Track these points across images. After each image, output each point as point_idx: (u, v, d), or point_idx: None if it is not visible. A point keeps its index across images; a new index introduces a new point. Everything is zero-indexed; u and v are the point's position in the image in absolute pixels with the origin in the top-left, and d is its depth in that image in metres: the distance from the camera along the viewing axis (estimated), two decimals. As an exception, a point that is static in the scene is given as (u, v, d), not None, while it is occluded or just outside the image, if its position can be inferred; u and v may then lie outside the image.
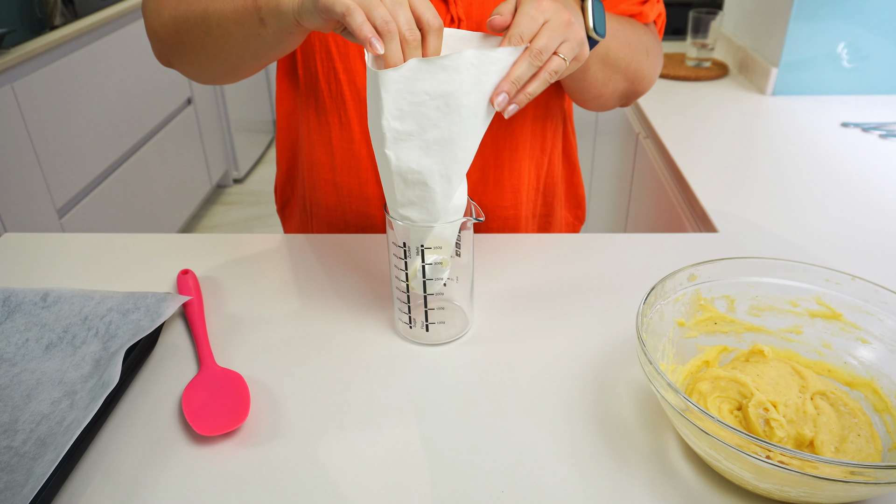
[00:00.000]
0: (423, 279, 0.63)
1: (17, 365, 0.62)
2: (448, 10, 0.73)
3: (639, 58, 0.76)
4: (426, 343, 0.67)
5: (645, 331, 0.55)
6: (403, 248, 0.61)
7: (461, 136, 0.55)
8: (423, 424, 0.58)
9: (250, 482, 0.52)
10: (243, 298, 0.74)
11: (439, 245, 0.60)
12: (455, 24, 0.73)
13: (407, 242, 0.61)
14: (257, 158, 3.36)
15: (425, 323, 0.66)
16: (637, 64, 0.76)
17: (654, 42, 0.81)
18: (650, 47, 0.79)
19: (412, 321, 0.66)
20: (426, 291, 0.64)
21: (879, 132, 1.20)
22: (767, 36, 1.45)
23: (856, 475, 0.43)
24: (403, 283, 0.63)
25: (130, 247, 0.84)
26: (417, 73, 0.52)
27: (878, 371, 0.57)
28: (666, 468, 0.53)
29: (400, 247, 0.61)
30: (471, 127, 0.56)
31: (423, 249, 0.60)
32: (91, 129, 2.02)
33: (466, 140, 0.56)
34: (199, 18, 0.65)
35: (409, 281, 0.63)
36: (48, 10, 1.89)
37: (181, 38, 0.68)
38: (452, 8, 0.73)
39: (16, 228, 1.71)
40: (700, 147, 1.18)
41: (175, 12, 0.68)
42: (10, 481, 0.50)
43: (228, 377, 0.61)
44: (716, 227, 0.90)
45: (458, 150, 0.56)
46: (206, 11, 0.64)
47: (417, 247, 0.60)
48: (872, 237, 0.87)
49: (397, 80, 0.52)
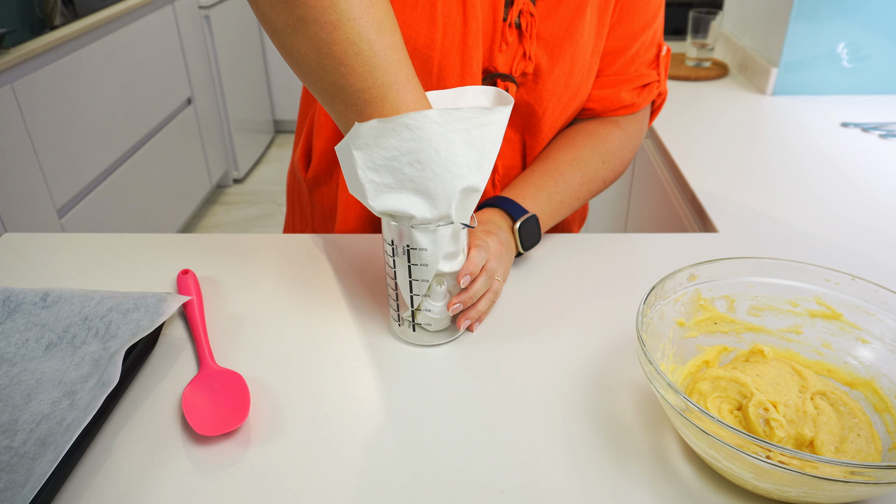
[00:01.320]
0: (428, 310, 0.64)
1: (17, 365, 0.62)
2: (521, 42, 0.74)
3: (595, 187, 0.82)
4: (421, 344, 0.67)
5: (645, 331, 0.55)
6: (392, 245, 0.61)
7: (441, 187, 0.56)
8: (423, 424, 0.58)
9: (250, 482, 0.52)
10: (243, 298, 0.74)
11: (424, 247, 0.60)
12: (526, 60, 0.74)
13: (395, 240, 0.61)
14: (257, 158, 3.36)
15: (413, 323, 0.66)
16: (596, 190, 0.83)
17: (611, 155, 0.83)
18: (595, 176, 0.82)
19: (400, 319, 0.66)
20: (434, 326, 0.66)
21: (879, 132, 1.20)
22: (767, 36, 1.45)
23: (856, 475, 0.43)
24: (394, 280, 0.64)
25: (130, 247, 0.84)
26: (382, 131, 0.53)
27: (878, 371, 0.57)
28: (666, 468, 0.53)
29: (389, 244, 0.62)
30: (449, 182, 0.56)
31: (409, 249, 0.60)
32: (91, 129, 2.02)
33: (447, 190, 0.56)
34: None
35: (414, 318, 0.65)
36: (48, 10, 1.89)
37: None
38: (526, 42, 0.73)
39: (16, 228, 1.71)
40: (700, 147, 1.18)
41: None
42: (10, 481, 0.50)
43: (228, 377, 0.61)
44: (716, 227, 0.90)
45: (440, 200, 0.56)
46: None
47: (404, 245, 0.60)
48: (872, 237, 0.87)
49: (366, 136, 0.53)
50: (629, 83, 0.81)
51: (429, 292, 0.63)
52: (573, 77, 0.77)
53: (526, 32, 0.73)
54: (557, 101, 0.78)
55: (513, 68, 0.74)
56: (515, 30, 0.73)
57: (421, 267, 0.61)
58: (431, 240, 0.59)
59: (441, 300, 0.64)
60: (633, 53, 0.80)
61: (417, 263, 0.61)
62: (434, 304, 0.64)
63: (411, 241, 0.59)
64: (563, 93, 0.77)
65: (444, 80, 0.72)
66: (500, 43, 0.73)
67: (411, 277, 0.62)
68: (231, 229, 2.81)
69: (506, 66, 0.74)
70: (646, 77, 0.82)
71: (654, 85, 0.83)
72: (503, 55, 0.74)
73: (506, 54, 0.74)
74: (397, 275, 0.62)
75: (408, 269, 0.61)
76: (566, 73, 0.76)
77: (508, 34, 0.73)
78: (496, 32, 0.73)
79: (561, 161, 0.79)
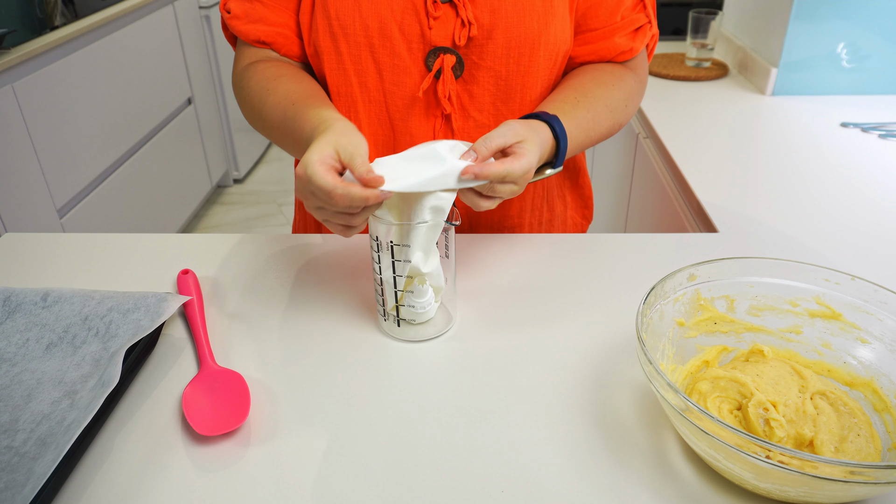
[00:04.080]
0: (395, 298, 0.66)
1: (18, 365, 0.62)
2: (458, 14, 0.74)
3: (607, 126, 0.80)
4: (406, 339, 0.67)
5: (645, 331, 0.55)
6: (376, 241, 0.63)
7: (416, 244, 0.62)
8: (423, 424, 0.58)
9: (250, 482, 0.52)
10: (243, 298, 0.74)
11: (406, 243, 0.62)
12: (466, 27, 0.74)
13: (379, 237, 0.62)
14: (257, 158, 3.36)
15: (397, 318, 0.67)
16: (603, 136, 0.81)
17: (628, 89, 0.82)
18: (618, 107, 0.80)
19: (385, 314, 0.68)
20: (417, 320, 0.67)
21: (879, 132, 1.20)
22: (767, 36, 1.45)
23: (855, 475, 0.43)
24: (379, 276, 0.65)
25: (130, 247, 0.84)
26: None
27: (878, 371, 0.57)
28: (666, 468, 0.53)
29: (374, 240, 0.63)
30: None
31: (392, 245, 0.62)
32: (91, 129, 2.02)
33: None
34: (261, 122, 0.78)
35: (398, 312, 0.67)
36: (48, 10, 1.89)
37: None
38: (462, 12, 0.73)
39: (16, 228, 1.71)
40: (700, 147, 1.18)
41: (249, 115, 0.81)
42: (11, 481, 0.50)
43: (228, 377, 0.61)
44: (716, 227, 0.90)
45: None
46: (264, 123, 0.77)
47: (388, 241, 0.62)
48: (872, 237, 0.87)
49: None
50: (620, 30, 0.81)
51: (412, 288, 0.65)
52: (524, 20, 0.76)
53: (459, 3, 0.74)
54: (518, 52, 0.77)
55: (454, 39, 0.75)
56: (443, 4, 0.74)
57: (404, 263, 0.63)
58: (413, 236, 0.61)
59: (424, 296, 0.65)
60: (615, 1, 0.80)
61: (401, 259, 0.62)
62: (417, 301, 0.65)
63: (396, 237, 0.61)
64: (521, 41, 0.76)
65: (398, 56, 0.76)
66: (428, 21, 0.74)
67: (395, 273, 0.63)
68: (231, 229, 2.81)
69: (446, 39, 0.75)
70: (636, 21, 0.81)
71: (647, 27, 0.82)
72: (437, 30, 0.75)
73: (443, 27, 0.75)
74: (381, 270, 0.64)
75: (392, 265, 0.63)
76: (516, 21, 0.75)
77: (434, 10, 0.74)
78: (421, 11, 0.74)
79: (588, 81, 0.79)
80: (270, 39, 0.80)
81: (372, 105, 0.79)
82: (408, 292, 0.65)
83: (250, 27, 0.79)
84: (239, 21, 0.80)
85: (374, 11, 0.74)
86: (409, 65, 0.76)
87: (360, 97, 0.79)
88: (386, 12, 0.74)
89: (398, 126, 0.80)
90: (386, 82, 0.78)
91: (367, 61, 0.77)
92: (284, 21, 0.79)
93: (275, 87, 0.75)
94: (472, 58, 0.76)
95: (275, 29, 0.79)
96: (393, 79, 0.77)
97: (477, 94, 0.79)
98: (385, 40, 0.75)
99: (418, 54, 0.76)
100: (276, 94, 0.74)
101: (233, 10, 0.80)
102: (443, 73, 0.76)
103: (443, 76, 0.76)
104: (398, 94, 0.78)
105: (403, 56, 0.76)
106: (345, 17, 0.74)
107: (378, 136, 0.81)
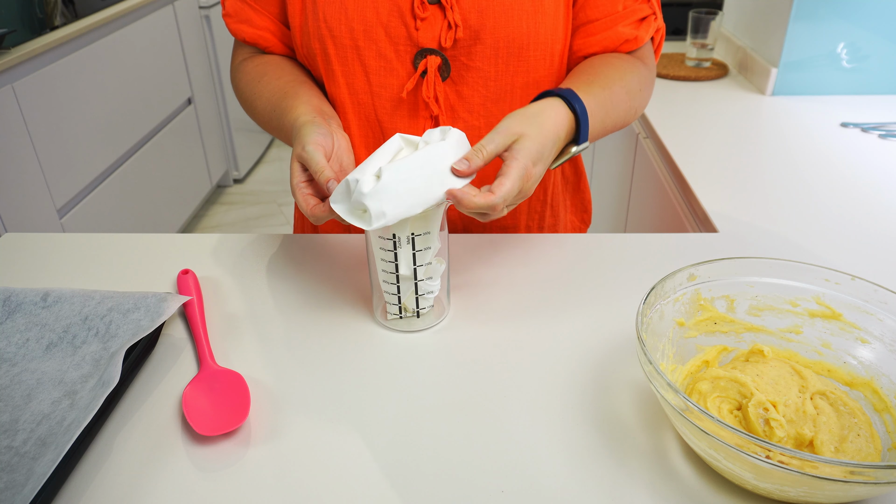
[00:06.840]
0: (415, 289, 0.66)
1: (18, 365, 0.62)
2: (445, 16, 0.74)
3: (624, 109, 0.78)
4: (404, 330, 0.68)
5: (645, 331, 0.55)
6: (393, 239, 0.63)
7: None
8: (423, 425, 0.58)
9: (250, 482, 0.52)
10: (243, 298, 0.74)
11: (427, 230, 0.62)
12: (452, 29, 0.74)
13: (397, 233, 0.62)
14: (257, 158, 3.36)
15: (417, 311, 0.68)
16: (622, 120, 0.79)
17: (641, 75, 0.81)
18: (633, 89, 0.79)
19: (402, 311, 0.68)
20: (419, 306, 0.68)
21: (879, 132, 1.20)
22: (767, 36, 1.45)
23: (855, 475, 0.43)
24: (395, 273, 0.65)
25: (130, 247, 0.84)
26: None
27: (878, 371, 0.57)
28: (666, 468, 0.53)
29: (388, 239, 0.63)
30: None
31: (413, 237, 0.62)
32: (91, 129, 2.02)
33: None
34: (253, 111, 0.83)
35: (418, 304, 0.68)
36: (48, 10, 1.89)
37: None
38: (449, 14, 0.73)
39: (16, 228, 1.71)
40: (700, 147, 1.18)
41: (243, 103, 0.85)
42: (11, 481, 0.50)
43: (228, 377, 0.61)
44: (716, 227, 0.90)
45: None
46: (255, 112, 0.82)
47: (408, 235, 0.62)
48: (872, 237, 0.87)
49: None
50: (624, 20, 0.80)
51: (430, 272, 0.66)
52: (512, 21, 0.75)
53: (446, 4, 0.73)
54: (507, 53, 0.76)
55: (440, 41, 0.75)
56: (431, 6, 0.74)
57: (424, 251, 0.64)
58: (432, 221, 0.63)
59: (438, 274, 0.67)
60: None
61: (422, 249, 0.63)
62: (433, 284, 0.67)
63: (417, 228, 0.62)
64: (510, 42, 0.75)
65: (384, 58, 0.76)
66: (414, 23, 0.75)
67: (416, 264, 0.64)
68: (231, 229, 2.81)
69: (433, 41, 0.75)
70: (639, 11, 0.80)
71: (651, 18, 0.82)
72: (424, 31, 0.75)
73: (430, 29, 0.75)
74: (399, 267, 0.64)
75: (412, 257, 0.64)
76: (504, 22, 0.75)
77: (421, 11, 0.74)
78: (407, 13, 0.74)
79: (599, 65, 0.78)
80: (254, 41, 0.83)
81: (360, 107, 0.80)
82: (427, 279, 0.66)
83: (239, 26, 0.82)
84: (231, 19, 0.83)
85: (359, 13, 0.74)
86: (397, 66, 0.76)
87: (349, 99, 0.79)
88: (371, 14, 0.74)
89: (387, 128, 0.80)
90: (373, 84, 0.78)
91: (353, 63, 0.77)
92: (266, 25, 0.82)
93: (260, 91, 0.79)
94: (461, 59, 0.76)
95: (258, 31, 0.82)
96: (380, 81, 0.77)
97: (466, 96, 0.78)
98: (370, 42, 0.75)
99: (406, 56, 0.76)
100: (262, 98, 0.79)
101: (227, 8, 0.82)
102: (427, 74, 0.76)
103: (428, 77, 0.76)
104: (385, 96, 0.78)
105: (390, 57, 0.76)
106: (331, 18, 0.75)
107: (368, 138, 0.81)
